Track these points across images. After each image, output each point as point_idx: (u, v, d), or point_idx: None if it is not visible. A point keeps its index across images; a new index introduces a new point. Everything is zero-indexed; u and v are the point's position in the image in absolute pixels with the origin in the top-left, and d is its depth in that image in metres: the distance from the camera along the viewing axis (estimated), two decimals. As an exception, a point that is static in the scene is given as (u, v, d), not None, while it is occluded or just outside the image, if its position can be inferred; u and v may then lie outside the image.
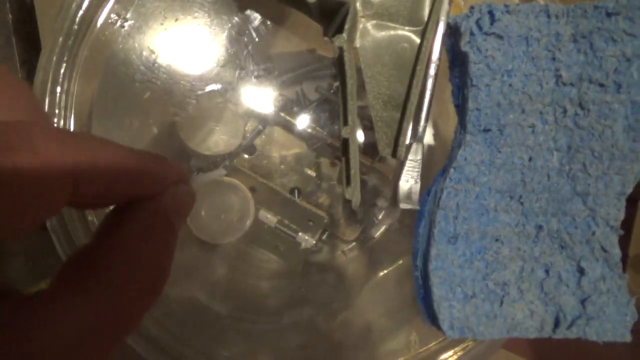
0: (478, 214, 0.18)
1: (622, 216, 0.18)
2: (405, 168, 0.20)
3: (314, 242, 0.29)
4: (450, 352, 0.19)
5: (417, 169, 0.20)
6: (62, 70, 0.21)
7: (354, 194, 0.17)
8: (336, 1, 0.17)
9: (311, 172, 0.30)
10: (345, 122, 0.18)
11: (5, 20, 0.28)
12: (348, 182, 0.18)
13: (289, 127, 0.30)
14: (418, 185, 0.20)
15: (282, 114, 0.29)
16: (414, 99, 0.19)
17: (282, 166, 0.31)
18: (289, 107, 0.30)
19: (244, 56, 0.29)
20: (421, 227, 0.19)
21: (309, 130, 0.29)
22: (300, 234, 0.29)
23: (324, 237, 0.30)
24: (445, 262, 0.18)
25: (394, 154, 0.19)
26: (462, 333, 0.17)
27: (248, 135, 0.30)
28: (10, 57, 0.28)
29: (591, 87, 0.18)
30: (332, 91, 0.30)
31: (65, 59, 0.21)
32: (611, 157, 0.18)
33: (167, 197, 0.13)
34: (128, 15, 0.23)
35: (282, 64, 0.30)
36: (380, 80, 0.20)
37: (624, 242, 0.26)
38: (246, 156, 0.30)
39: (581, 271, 0.18)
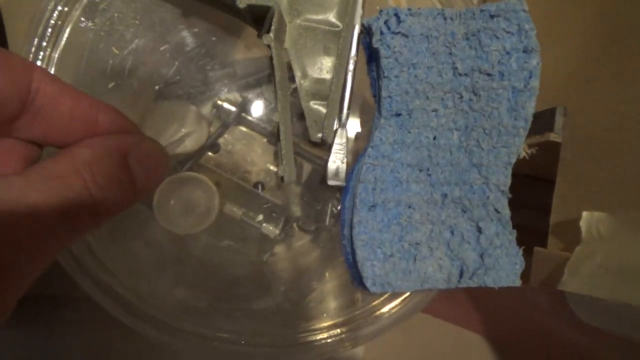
0: (393, 185, 0.21)
1: (509, 182, 0.21)
2: (333, 150, 0.23)
3: (278, 232, 0.32)
4: (387, 307, 0.22)
5: (342, 151, 0.23)
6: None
7: (285, 170, 0.20)
8: (262, 6, 0.20)
9: (273, 167, 0.33)
10: (277, 109, 0.20)
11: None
12: (281, 160, 0.20)
13: (250, 126, 0.32)
14: (344, 165, 0.23)
15: (244, 114, 0.32)
16: (336, 90, 0.22)
17: (246, 162, 0.33)
18: (249, 108, 0.32)
19: (206, 61, 0.32)
20: (347, 201, 0.22)
21: (269, 128, 0.32)
22: (264, 224, 0.32)
23: (287, 227, 0.32)
24: (367, 228, 0.20)
25: (322, 139, 0.22)
26: (383, 288, 0.20)
27: (212, 134, 0.32)
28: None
29: (481, 76, 0.21)
30: (289, 92, 0.33)
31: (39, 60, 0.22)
32: (499, 133, 0.21)
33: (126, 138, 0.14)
34: (96, 20, 0.24)
35: (243, 69, 0.33)
36: (308, 75, 0.23)
37: (545, 215, 0.30)
38: (211, 154, 0.32)
39: (479, 230, 0.21)
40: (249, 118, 0.32)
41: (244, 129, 0.33)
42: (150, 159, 0.15)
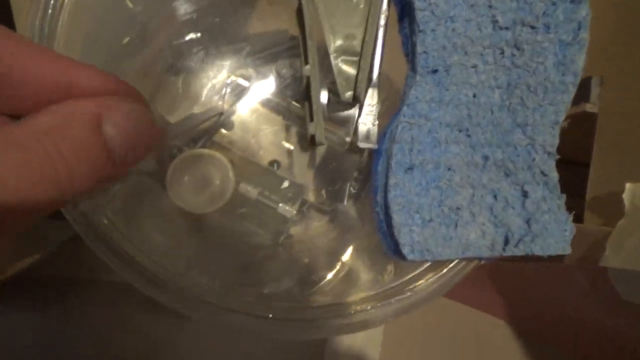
0: (431, 146, 0.19)
1: (557, 142, 0.20)
2: (363, 112, 0.21)
3: (295, 212, 0.30)
4: (422, 280, 0.21)
5: (373, 113, 0.21)
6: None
7: (317, 127, 0.18)
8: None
9: (289, 145, 0.31)
10: (307, 62, 0.19)
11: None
12: (312, 118, 0.19)
13: (264, 103, 0.30)
14: (375, 128, 0.21)
15: (257, 90, 0.30)
16: (368, 44, 0.20)
17: (260, 140, 0.32)
18: (263, 84, 0.31)
19: (219, 36, 0.30)
20: (379, 165, 0.20)
21: (284, 104, 0.30)
22: (281, 204, 0.30)
23: (304, 208, 0.31)
24: (404, 191, 0.19)
25: (354, 97, 0.20)
26: (422, 255, 0.19)
27: (225, 111, 0.31)
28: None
29: (524, 29, 0.20)
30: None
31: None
32: (545, 90, 0.20)
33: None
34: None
35: (256, 44, 0.31)
36: (338, 32, 0.21)
37: (575, 200, 0.28)
38: (224, 131, 0.31)
39: (525, 194, 0.20)
40: (263, 94, 0.31)
41: (258, 105, 0.32)
42: (131, 125, 0.13)
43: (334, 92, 0.24)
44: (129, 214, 0.28)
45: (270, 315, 0.20)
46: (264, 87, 0.31)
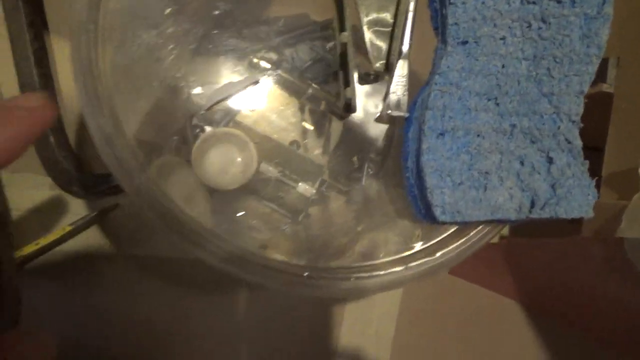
0: (462, 113, 0.20)
1: (581, 111, 0.21)
2: (393, 82, 0.22)
3: (314, 191, 0.31)
4: (451, 247, 0.22)
5: (403, 84, 0.22)
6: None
7: (353, 93, 0.19)
8: None
9: (308, 126, 0.32)
10: (343, 29, 0.20)
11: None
12: (347, 85, 0.20)
13: (285, 85, 0.31)
14: (405, 97, 0.22)
15: (280, 72, 0.31)
16: (401, 17, 0.21)
17: (281, 120, 0.33)
18: (284, 65, 0.31)
19: (242, 18, 0.31)
20: (410, 132, 0.21)
21: (304, 86, 0.31)
22: (300, 184, 0.31)
23: (322, 187, 0.32)
24: (436, 155, 0.20)
25: (386, 68, 0.21)
26: (453, 217, 0.20)
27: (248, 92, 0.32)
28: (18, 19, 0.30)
29: (550, 3, 0.21)
30: (327, 49, 0.32)
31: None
32: (570, 61, 0.21)
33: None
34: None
35: (279, 27, 0.32)
36: (371, 4, 0.22)
37: (597, 164, 0.29)
38: (246, 112, 0.32)
39: (550, 160, 0.20)
40: (285, 76, 0.32)
41: (278, 87, 0.32)
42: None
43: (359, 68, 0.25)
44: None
45: (305, 274, 0.21)
46: (285, 69, 0.31)
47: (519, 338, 0.43)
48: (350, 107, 0.20)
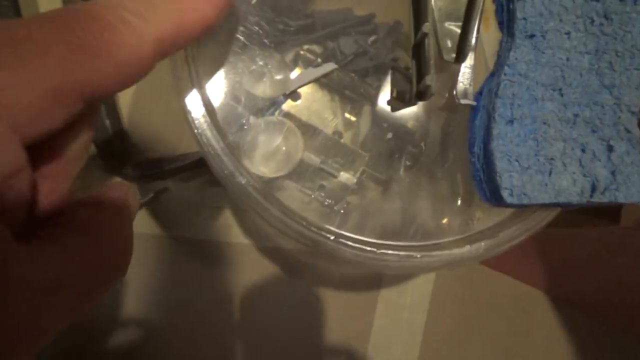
0: (529, 102, 0.22)
1: (641, 103, 0.22)
2: (460, 72, 0.23)
3: (355, 180, 0.32)
4: (512, 228, 0.23)
5: (469, 73, 0.23)
6: None
7: (432, 79, 0.21)
8: None
9: (350, 117, 0.33)
10: (426, 20, 0.21)
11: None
12: (424, 73, 0.21)
13: (329, 77, 0.33)
14: (471, 87, 0.23)
15: (324, 65, 0.32)
16: (473, 13, 0.22)
17: (324, 112, 0.34)
18: (330, 58, 0.33)
19: (287, 11, 0.32)
20: (477, 119, 0.22)
21: (348, 79, 0.33)
22: (342, 172, 0.32)
23: (363, 176, 0.33)
24: (505, 140, 0.21)
25: (457, 59, 0.23)
26: (520, 199, 0.21)
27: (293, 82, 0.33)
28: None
29: (613, 0, 0.22)
30: (369, 43, 0.33)
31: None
32: (631, 55, 0.22)
33: (124, 193, 0.15)
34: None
35: (323, 20, 0.34)
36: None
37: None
38: (291, 102, 0.33)
39: (610, 149, 0.22)
40: (328, 69, 0.33)
41: (322, 79, 0.34)
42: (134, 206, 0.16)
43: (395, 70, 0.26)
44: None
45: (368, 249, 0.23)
46: (329, 62, 0.33)
47: (546, 328, 0.44)
48: (424, 96, 0.22)
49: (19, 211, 0.11)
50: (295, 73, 0.30)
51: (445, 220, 0.26)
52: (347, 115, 0.34)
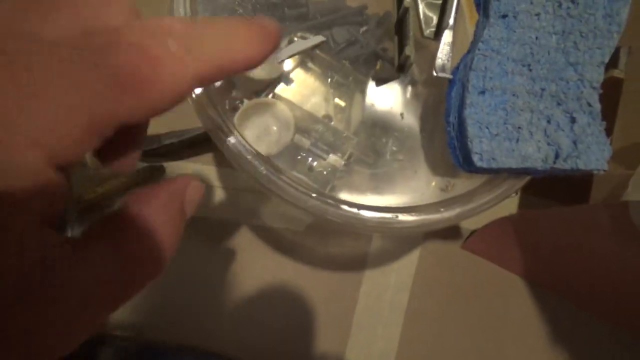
0: (500, 75, 0.24)
1: (601, 79, 0.24)
2: (440, 49, 0.25)
3: (343, 162, 0.34)
4: (484, 193, 0.25)
5: (447, 51, 0.25)
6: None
7: (412, 50, 0.22)
8: None
9: (340, 101, 0.35)
10: (406, -3, 0.23)
11: None
12: (406, 43, 0.23)
13: (321, 63, 0.34)
14: (449, 62, 0.25)
15: (317, 51, 0.34)
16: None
17: (314, 96, 0.36)
18: (321, 45, 0.35)
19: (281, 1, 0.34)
20: (453, 91, 0.24)
21: (339, 65, 0.35)
22: (331, 155, 0.34)
23: (350, 160, 0.35)
24: (477, 109, 0.23)
25: (436, 35, 0.25)
26: (489, 163, 0.23)
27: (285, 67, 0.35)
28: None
29: (579, -14, 0.24)
30: (360, 32, 0.35)
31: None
32: (594, 36, 0.24)
33: (183, 186, 0.14)
34: None
35: (316, 9, 0.36)
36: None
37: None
38: (284, 86, 0.35)
39: (573, 120, 0.24)
40: (322, 55, 0.35)
41: (314, 65, 0.36)
42: (193, 200, 0.15)
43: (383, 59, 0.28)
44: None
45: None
46: (321, 49, 0.35)
47: (522, 310, 0.46)
48: (404, 67, 0.23)
49: (56, 218, 0.11)
50: (285, 43, 0.31)
51: (423, 190, 0.28)
52: (337, 100, 0.36)
